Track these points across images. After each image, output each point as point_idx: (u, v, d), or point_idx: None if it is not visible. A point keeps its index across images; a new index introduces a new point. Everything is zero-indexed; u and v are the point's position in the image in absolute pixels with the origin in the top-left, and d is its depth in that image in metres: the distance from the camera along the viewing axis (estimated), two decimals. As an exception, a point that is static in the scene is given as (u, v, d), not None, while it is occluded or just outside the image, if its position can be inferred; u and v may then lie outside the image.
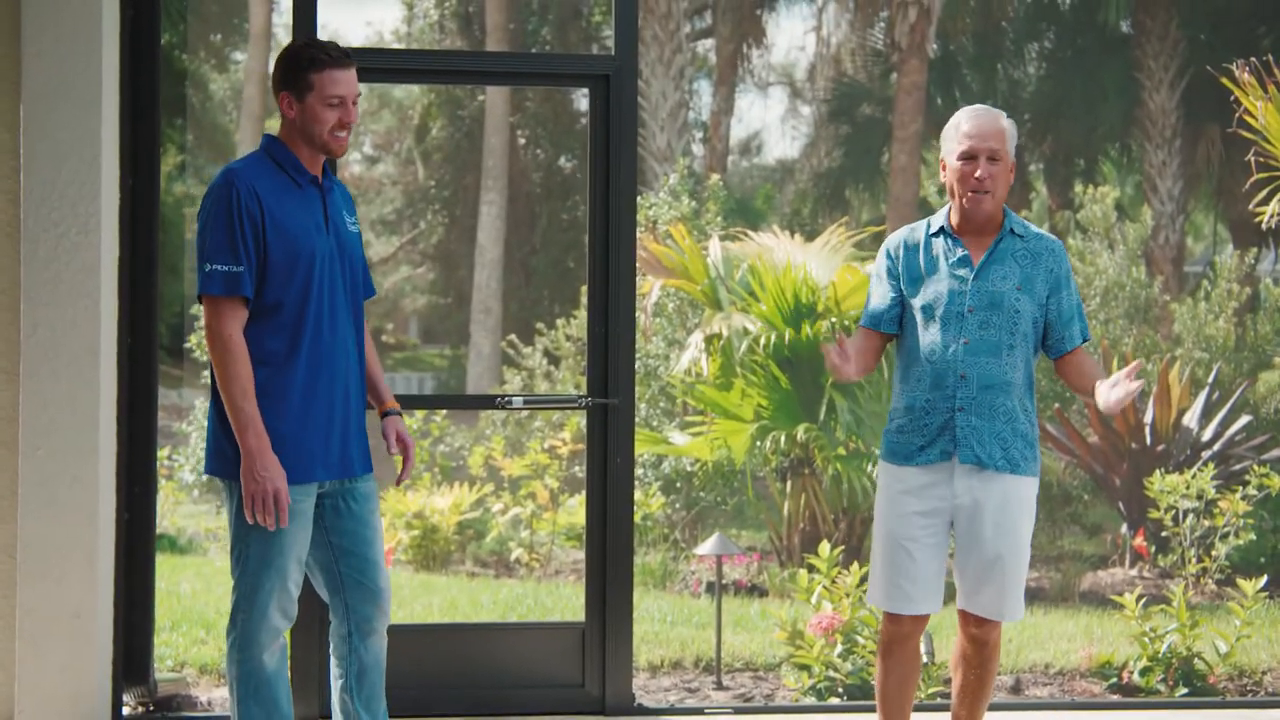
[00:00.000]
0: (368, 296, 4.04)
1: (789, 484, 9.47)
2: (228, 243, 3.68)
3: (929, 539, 4.14)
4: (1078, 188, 13.65)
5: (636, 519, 7.37)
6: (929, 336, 4.14)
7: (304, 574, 3.89)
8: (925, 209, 20.68)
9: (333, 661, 4.05)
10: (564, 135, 21.68)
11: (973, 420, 4.08)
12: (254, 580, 3.79)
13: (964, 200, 4.11)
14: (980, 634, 4.20)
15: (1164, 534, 9.16)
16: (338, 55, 3.79)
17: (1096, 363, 4.18)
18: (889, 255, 4.26)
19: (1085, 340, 4.19)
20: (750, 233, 10.62)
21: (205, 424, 13.57)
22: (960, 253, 4.14)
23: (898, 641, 4.23)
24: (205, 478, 12.48)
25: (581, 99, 21.24)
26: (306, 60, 3.78)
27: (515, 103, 20.49)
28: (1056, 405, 10.80)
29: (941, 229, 4.20)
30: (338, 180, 4.03)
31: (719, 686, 6.12)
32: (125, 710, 5.10)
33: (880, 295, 4.27)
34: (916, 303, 4.17)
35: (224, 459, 3.77)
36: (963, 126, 4.13)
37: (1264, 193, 6.25)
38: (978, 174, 4.08)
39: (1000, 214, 4.18)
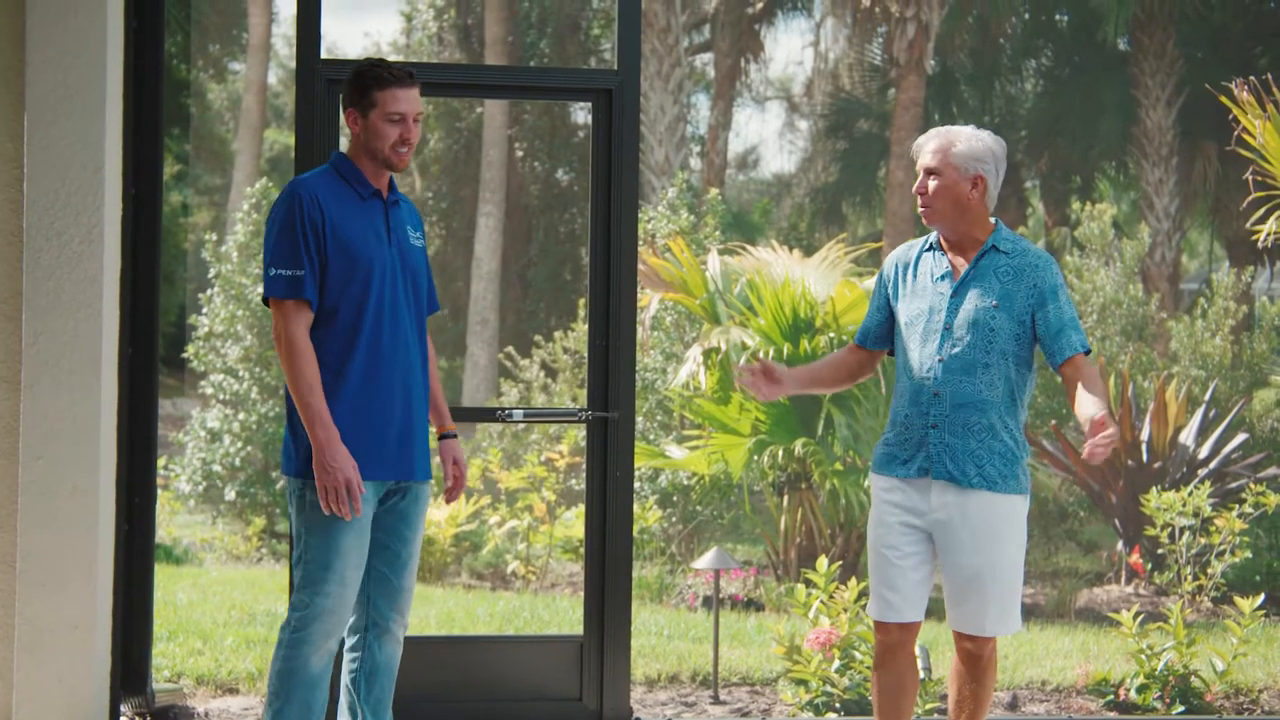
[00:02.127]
0: (432, 311, 4.15)
1: (786, 498, 9.47)
2: (289, 248, 3.83)
3: (911, 549, 4.17)
4: (1074, 205, 13.67)
5: (633, 532, 7.37)
6: (910, 352, 4.21)
7: (361, 580, 3.97)
8: (922, 225, 20.71)
9: (345, 659, 4.08)
10: (562, 148, 21.69)
11: (946, 437, 4.11)
12: (312, 582, 3.88)
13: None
14: (972, 649, 4.22)
15: (1160, 551, 9.16)
16: (400, 75, 3.95)
17: (1096, 379, 4.14)
18: (883, 273, 4.37)
19: (1084, 351, 4.14)
20: (749, 247, 10.63)
21: (201, 435, 13.56)
22: (944, 269, 4.20)
23: (889, 651, 4.25)
24: (201, 488, 12.50)
25: (579, 112, 21.25)
26: (371, 79, 3.93)
27: (513, 115, 20.51)
28: (1053, 422, 10.82)
29: (933, 245, 4.27)
30: (404, 196, 4.14)
31: (716, 700, 6.12)
32: (122, 720, 5.09)
33: (872, 312, 4.38)
34: (901, 319, 4.25)
35: (288, 457, 3.93)
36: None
37: (1261, 210, 6.26)
38: (915, 188, 4.21)
39: (980, 229, 4.20)
